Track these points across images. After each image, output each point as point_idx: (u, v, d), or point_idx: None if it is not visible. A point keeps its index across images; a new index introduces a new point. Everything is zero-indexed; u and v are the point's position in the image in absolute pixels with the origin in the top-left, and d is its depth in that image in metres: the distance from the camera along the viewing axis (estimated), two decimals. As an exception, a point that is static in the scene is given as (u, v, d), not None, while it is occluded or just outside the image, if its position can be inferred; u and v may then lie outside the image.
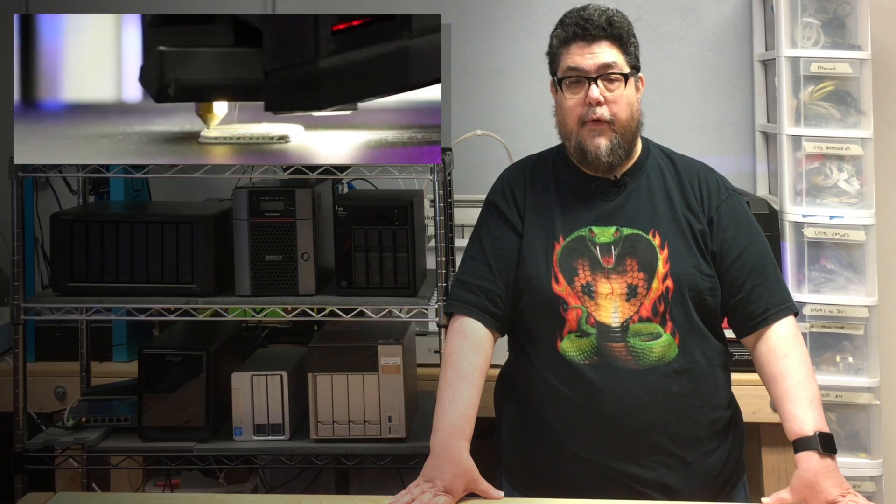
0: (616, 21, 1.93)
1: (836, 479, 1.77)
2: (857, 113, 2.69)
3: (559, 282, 1.92)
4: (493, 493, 1.84)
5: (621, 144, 1.93)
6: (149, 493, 2.57)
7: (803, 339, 1.95)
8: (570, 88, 1.93)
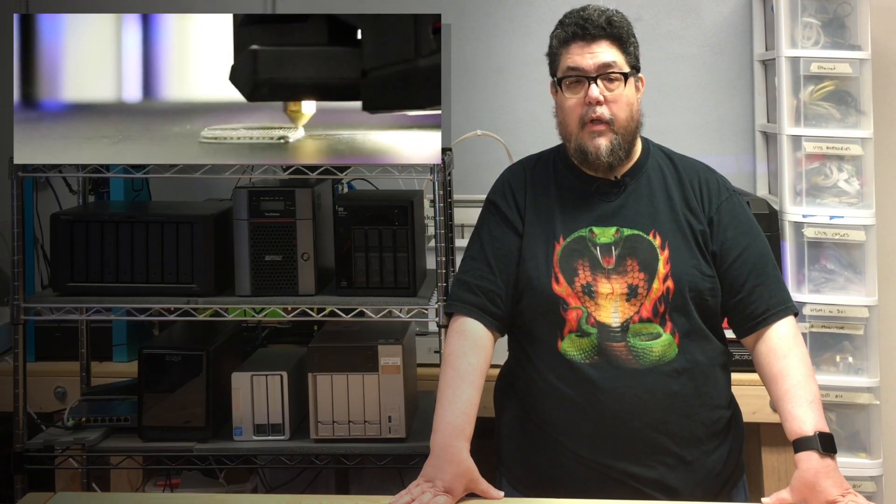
0: (616, 21, 1.93)
1: (836, 479, 1.77)
2: (857, 113, 2.69)
3: (559, 282, 1.92)
4: (493, 493, 1.84)
5: (621, 145, 1.93)
6: (149, 493, 2.57)
7: (803, 339, 1.95)
8: (569, 88, 1.93)
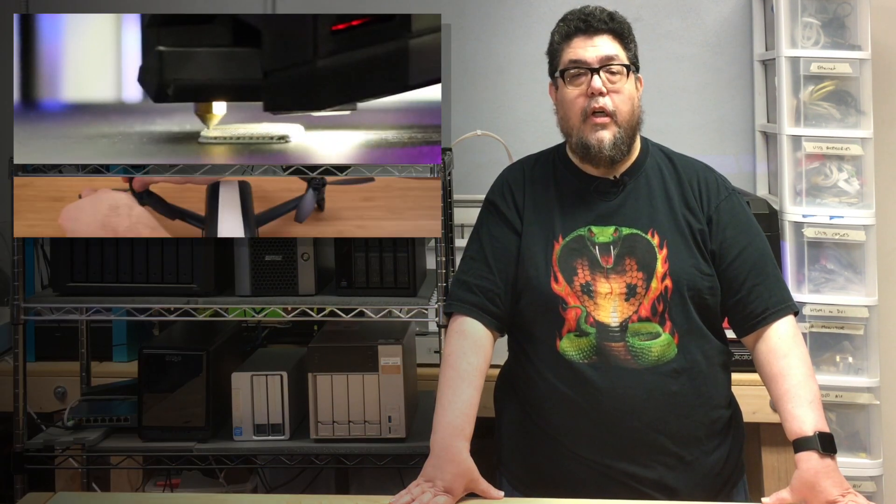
0: (617, 17, 1.96)
1: (836, 479, 1.77)
2: (857, 113, 2.68)
3: (558, 281, 1.92)
4: (493, 493, 1.84)
5: (623, 139, 1.93)
6: (149, 493, 2.57)
7: (803, 339, 1.95)
8: (572, 81, 1.93)
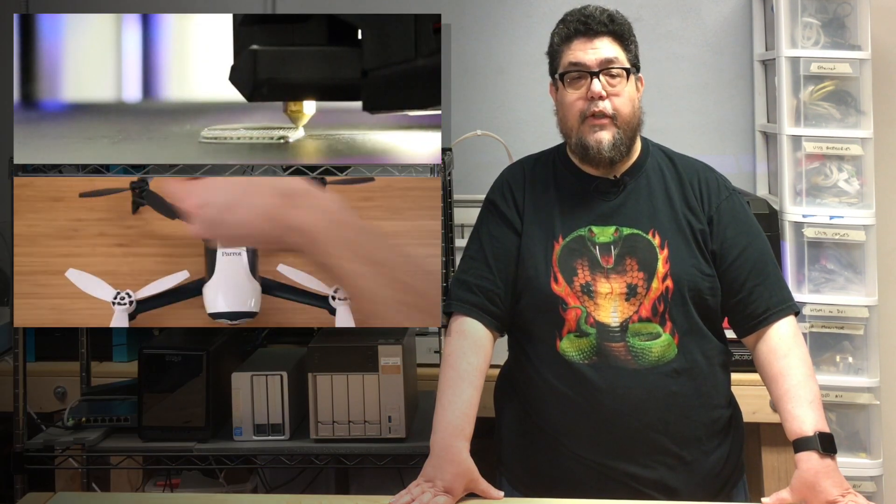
0: (618, 18, 1.95)
1: (836, 479, 1.77)
2: (857, 113, 2.69)
3: (558, 282, 1.92)
4: (493, 493, 1.84)
5: (623, 140, 1.93)
6: (149, 493, 2.57)
7: (804, 339, 1.95)
8: (571, 84, 1.93)
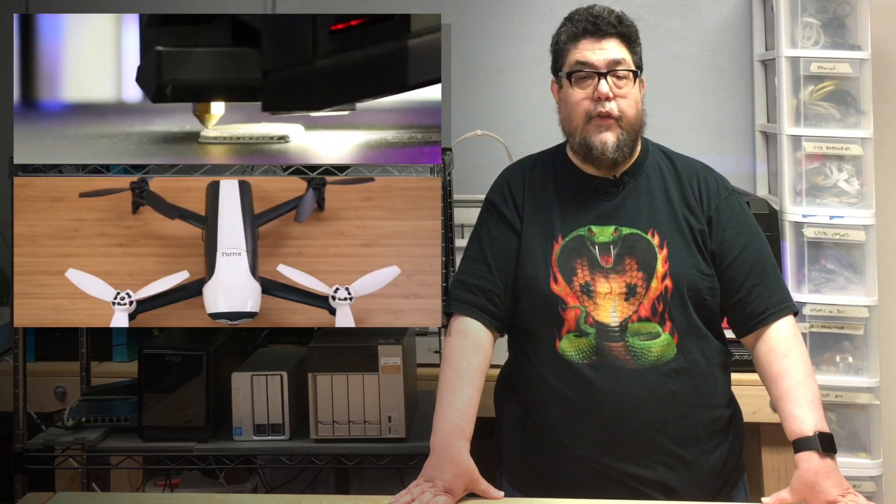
0: (626, 20, 1.95)
1: (836, 479, 1.77)
2: (857, 113, 2.69)
3: (558, 282, 1.92)
4: (493, 493, 1.84)
5: (627, 142, 1.93)
6: (149, 493, 2.57)
7: (803, 339, 1.95)
8: (578, 83, 1.93)
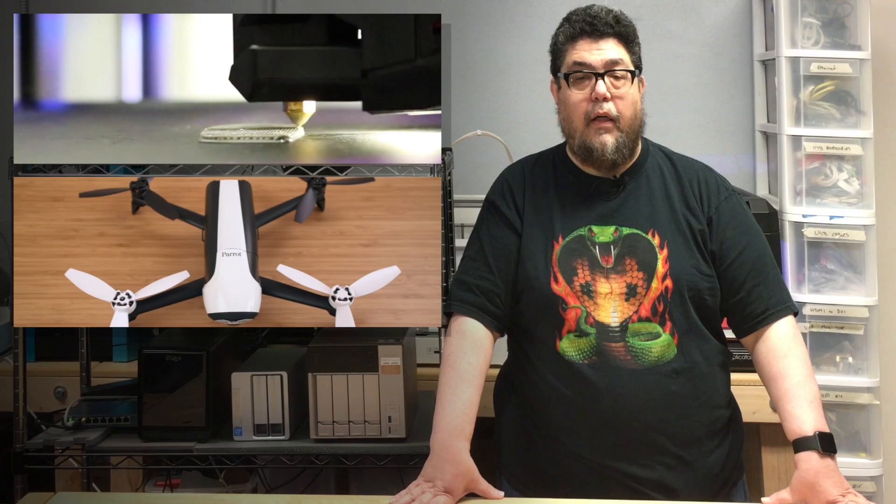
0: (623, 20, 1.94)
1: (836, 479, 1.77)
2: (857, 113, 2.69)
3: (558, 282, 1.92)
4: (493, 493, 1.84)
5: (626, 143, 1.93)
6: (149, 493, 2.57)
7: (803, 339, 1.95)
8: (576, 84, 1.93)
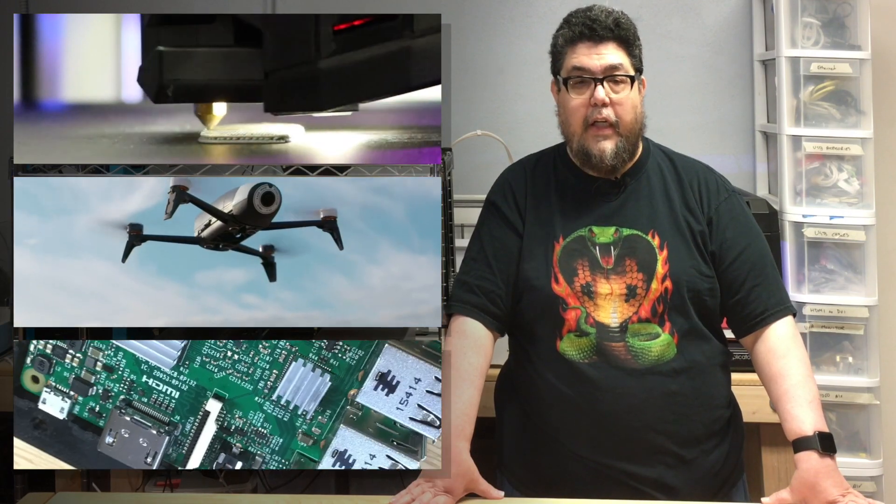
0: (623, 23, 1.92)
1: (836, 479, 1.77)
2: (857, 113, 2.69)
3: (559, 282, 1.92)
4: (493, 494, 1.84)
5: (625, 147, 1.92)
6: (149, 493, 2.57)
7: (802, 340, 1.95)
8: (575, 88, 1.93)
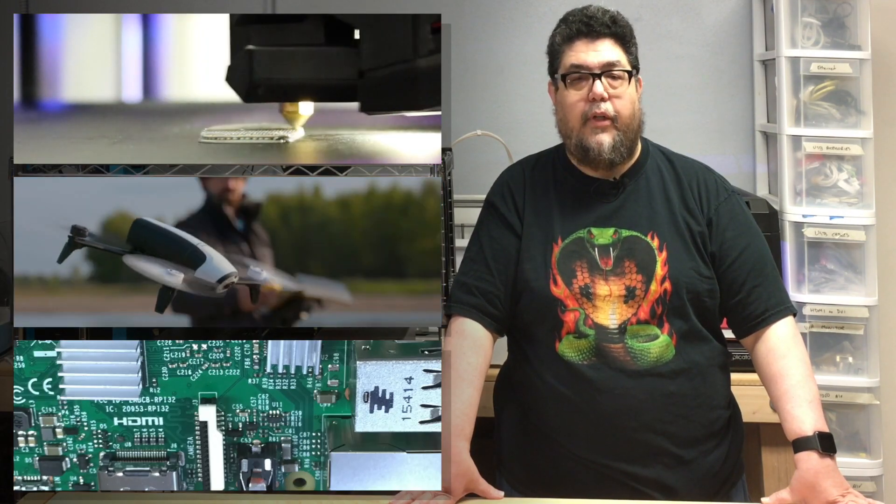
0: (619, 20, 1.95)
1: (836, 479, 1.77)
2: (857, 113, 2.69)
3: (557, 284, 1.92)
4: (493, 493, 1.84)
5: (623, 142, 1.93)
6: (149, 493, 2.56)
7: (802, 340, 1.95)
8: (573, 85, 1.93)
